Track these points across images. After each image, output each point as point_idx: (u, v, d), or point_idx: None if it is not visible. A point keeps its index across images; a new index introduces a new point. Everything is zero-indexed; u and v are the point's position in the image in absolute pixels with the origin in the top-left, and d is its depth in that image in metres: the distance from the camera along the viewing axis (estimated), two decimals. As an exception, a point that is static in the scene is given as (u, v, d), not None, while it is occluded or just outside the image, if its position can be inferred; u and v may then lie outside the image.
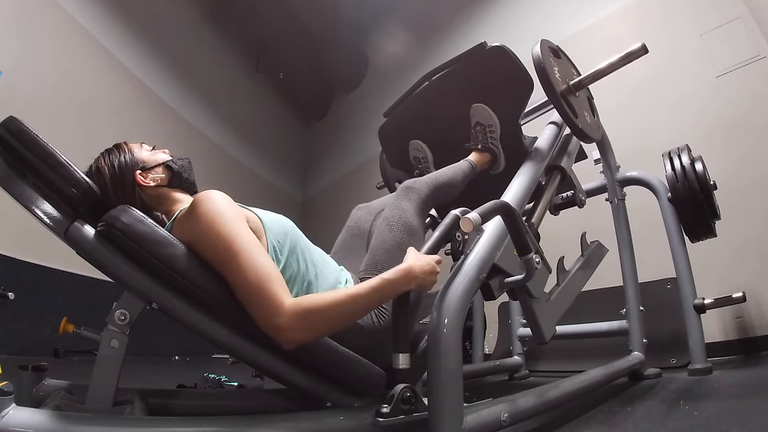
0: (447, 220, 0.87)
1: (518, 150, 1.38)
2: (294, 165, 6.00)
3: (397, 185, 1.33)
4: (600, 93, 1.55)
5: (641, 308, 1.70)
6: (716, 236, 1.73)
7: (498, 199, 0.93)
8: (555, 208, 1.62)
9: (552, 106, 1.38)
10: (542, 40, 1.32)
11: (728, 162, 2.15)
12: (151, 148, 0.98)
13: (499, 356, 2.47)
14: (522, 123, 1.47)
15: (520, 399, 0.95)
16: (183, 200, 0.94)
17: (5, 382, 0.61)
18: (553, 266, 1.18)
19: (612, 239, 1.73)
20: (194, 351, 3.43)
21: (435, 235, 0.86)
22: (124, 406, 0.72)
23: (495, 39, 1.38)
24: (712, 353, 1.74)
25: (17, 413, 0.59)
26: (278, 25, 4.89)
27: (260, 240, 0.81)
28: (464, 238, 0.95)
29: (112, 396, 0.69)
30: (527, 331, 2.12)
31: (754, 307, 1.96)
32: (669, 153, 1.76)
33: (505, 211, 0.90)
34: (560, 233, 1.62)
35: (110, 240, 0.70)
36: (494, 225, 1.00)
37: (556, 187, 1.40)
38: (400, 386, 0.74)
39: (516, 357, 2.21)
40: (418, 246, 1.01)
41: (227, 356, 1.90)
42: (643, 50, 1.22)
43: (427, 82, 1.52)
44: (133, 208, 0.74)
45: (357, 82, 5.42)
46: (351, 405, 0.87)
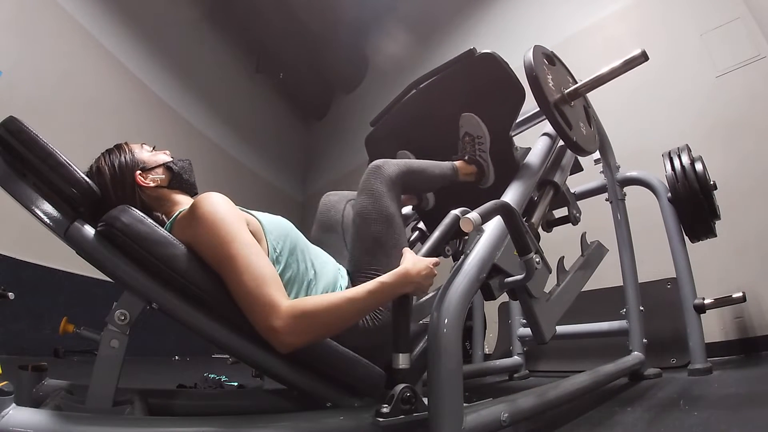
0: (447, 220, 0.86)
1: (509, 163, 1.31)
2: (294, 165, 6.00)
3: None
4: (600, 93, 1.54)
5: (641, 308, 1.70)
6: (716, 236, 1.73)
7: (498, 200, 0.93)
8: (548, 225, 1.56)
9: (545, 117, 1.28)
10: (535, 46, 1.24)
11: (728, 162, 2.15)
12: (152, 149, 0.98)
13: (499, 356, 2.47)
14: (515, 133, 1.42)
15: (520, 399, 0.95)
16: (183, 202, 0.94)
17: (5, 382, 0.61)
18: (553, 266, 1.18)
19: (612, 239, 1.73)
20: (194, 351, 3.43)
21: (435, 236, 0.86)
22: (124, 406, 0.72)
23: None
24: (712, 353, 1.74)
25: (17, 413, 0.59)
26: (278, 25, 4.89)
27: (260, 243, 0.81)
28: (462, 241, 0.94)
29: (112, 396, 0.69)
30: (527, 331, 2.11)
31: (754, 307, 1.96)
32: (669, 153, 1.76)
33: (505, 211, 0.90)
34: (560, 233, 1.62)
35: (110, 240, 0.70)
36: (494, 225, 0.99)
37: (549, 203, 1.33)
38: (400, 386, 0.74)
39: (516, 357, 2.21)
40: (399, 234, 1.00)
41: (227, 356, 1.90)
42: (643, 57, 1.15)
43: (415, 90, 1.47)
44: (133, 208, 0.74)
45: (357, 82, 5.42)
46: (351, 405, 0.87)
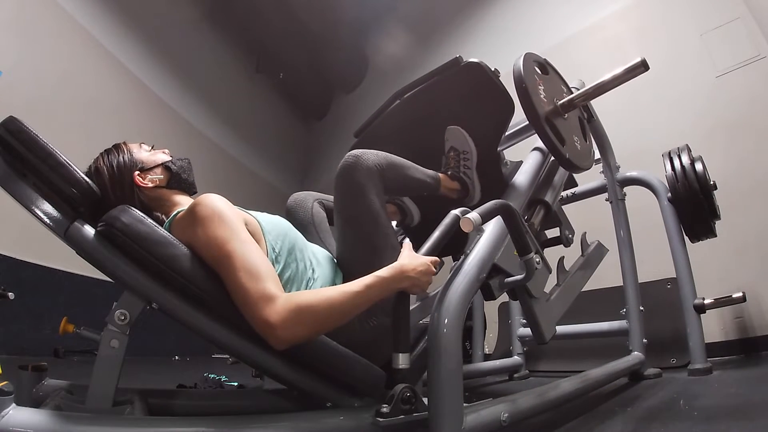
0: (447, 220, 0.86)
1: (497, 180, 1.24)
2: (294, 165, 5.99)
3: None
4: (600, 93, 1.55)
5: (641, 308, 1.70)
6: (716, 236, 1.73)
7: (498, 200, 0.93)
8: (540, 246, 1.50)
9: None
10: (526, 54, 1.15)
11: (728, 162, 2.15)
12: (150, 148, 0.98)
13: (499, 356, 2.47)
14: (505, 147, 1.34)
15: (520, 399, 0.95)
16: (182, 201, 0.94)
17: (5, 382, 0.61)
18: (553, 266, 1.18)
19: (612, 239, 1.73)
20: (194, 351, 3.43)
21: (435, 236, 0.86)
22: (124, 406, 0.72)
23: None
24: (712, 353, 1.74)
25: (17, 413, 0.59)
26: (278, 25, 4.89)
27: (259, 243, 0.81)
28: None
29: (112, 396, 0.69)
30: (527, 331, 2.11)
31: (754, 307, 1.96)
32: (669, 153, 1.76)
33: (506, 211, 0.90)
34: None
35: (110, 240, 0.70)
36: (494, 225, 0.99)
37: (540, 224, 1.25)
38: (400, 386, 0.74)
39: (516, 357, 2.21)
40: (387, 231, 0.97)
41: (227, 356, 1.90)
42: (644, 67, 1.07)
43: (399, 101, 1.40)
44: (133, 208, 0.74)
45: (357, 82, 5.42)
46: (351, 405, 0.87)
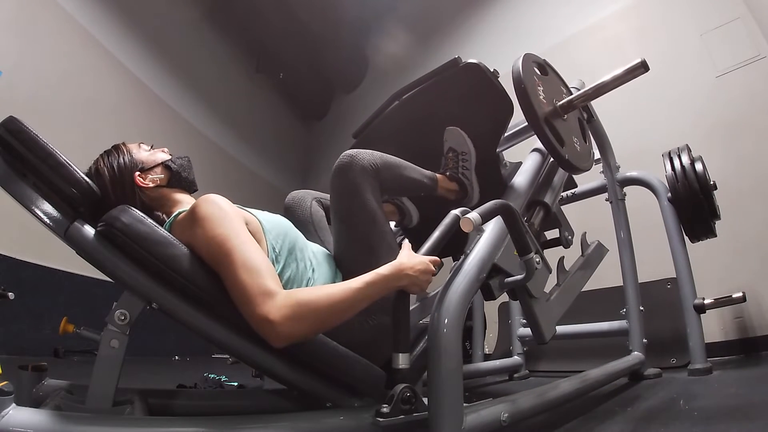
0: (447, 220, 0.86)
1: (496, 181, 1.24)
2: (294, 165, 5.99)
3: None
4: (600, 93, 1.55)
5: (641, 308, 1.70)
6: (716, 236, 1.73)
7: (498, 200, 0.93)
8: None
9: None
10: (525, 54, 1.15)
11: (728, 162, 2.15)
12: (150, 148, 0.98)
13: (499, 356, 2.47)
14: (504, 148, 1.33)
15: (520, 399, 0.95)
16: (183, 200, 0.94)
17: (5, 382, 0.61)
18: (553, 266, 1.18)
19: (612, 239, 1.73)
20: (194, 351, 3.43)
21: (435, 236, 0.86)
22: (124, 406, 0.72)
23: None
24: (712, 353, 1.74)
25: (17, 413, 0.59)
26: (278, 25, 4.88)
27: (260, 243, 0.81)
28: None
29: (112, 396, 0.69)
30: (527, 331, 2.11)
31: (754, 307, 1.96)
32: (669, 153, 1.76)
33: (505, 211, 0.90)
34: (560, 233, 1.62)
35: (110, 240, 0.70)
36: (494, 225, 0.99)
37: (539, 225, 1.24)
38: (400, 386, 0.74)
39: (516, 357, 2.21)
40: (384, 229, 0.97)
41: (227, 356, 1.90)
42: (643, 68, 1.07)
43: (397, 102, 1.39)
44: (133, 209, 0.74)
45: (357, 82, 5.42)
46: (351, 405, 0.87)
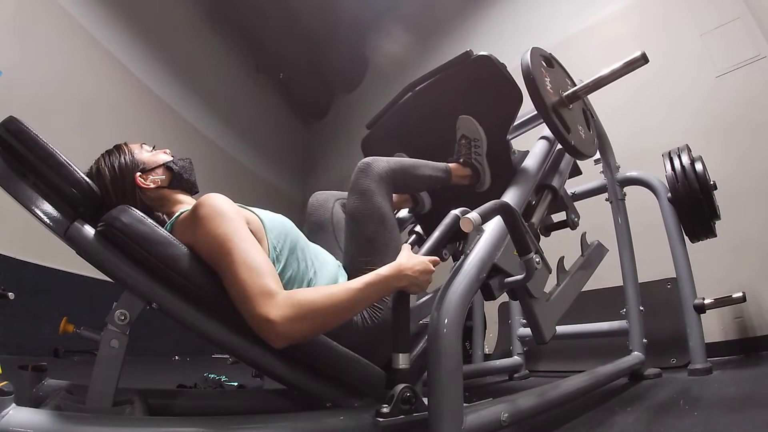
0: (447, 220, 0.86)
1: (506, 167, 1.31)
2: (294, 165, 6.00)
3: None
4: (600, 93, 1.53)
5: (641, 308, 1.70)
6: (716, 236, 1.73)
7: (498, 200, 0.93)
8: (546, 230, 1.54)
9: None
10: (533, 48, 1.24)
11: (728, 162, 2.15)
12: (152, 149, 0.98)
13: (499, 356, 2.47)
14: (512, 137, 1.40)
15: (520, 399, 0.95)
16: (184, 201, 0.94)
17: (5, 382, 0.60)
18: (553, 266, 1.18)
19: (612, 239, 1.73)
20: (194, 351, 3.43)
21: (435, 236, 0.86)
22: (124, 406, 0.72)
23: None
24: (712, 353, 1.74)
25: (17, 413, 0.59)
26: (278, 25, 4.89)
27: (261, 242, 0.81)
28: (463, 243, 0.94)
29: (112, 396, 0.69)
30: (527, 331, 2.11)
31: (754, 307, 1.96)
32: (669, 153, 1.76)
33: (505, 211, 0.90)
34: (560, 233, 1.62)
35: (110, 240, 0.70)
36: (494, 225, 0.99)
37: (547, 207, 1.31)
38: (400, 386, 0.74)
39: (516, 357, 2.21)
40: (393, 232, 1.00)
41: (227, 356, 1.90)
42: (643, 60, 1.13)
43: (411, 93, 1.46)
44: (133, 209, 0.74)
45: (357, 82, 5.42)
46: (351, 405, 0.87)
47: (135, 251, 0.70)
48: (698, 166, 1.65)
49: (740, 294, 1.63)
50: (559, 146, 1.34)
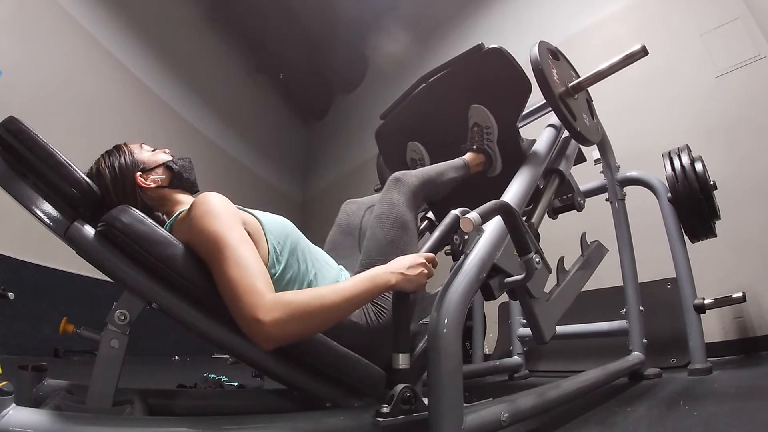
0: (447, 220, 0.86)
1: (516, 153, 1.37)
2: (294, 165, 6.00)
3: None
4: (600, 93, 1.54)
5: (641, 308, 1.69)
6: (716, 236, 1.73)
7: (498, 200, 0.93)
8: (553, 212, 1.61)
9: (550, 109, 1.36)
10: (540, 42, 1.30)
11: (728, 162, 2.15)
12: (152, 149, 0.98)
13: (499, 356, 2.47)
14: (520, 126, 1.45)
15: (520, 399, 0.95)
16: (184, 201, 0.94)
17: (5, 382, 0.60)
18: (553, 266, 1.18)
19: (612, 239, 1.73)
20: (194, 351, 3.43)
21: (434, 236, 0.86)
22: (124, 406, 0.72)
23: (495, 39, 1.38)
24: (712, 353, 1.74)
25: (17, 413, 0.59)
26: (278, 25, 4.89)
27: (260, 243, 0.81)
28: (464, 239, 0.95)
29: (112, 396, 0.69)
30: (527, 331, 2.11)
31: (754, 307, 1.96)
32: (669, 153, 1.76)
33: (505, 211, 0.90)
34: (560, 233, 1.62)
35: (110, 240, 0.70)
36: (494, 225, 0.99)
37: (555, 191, 1.38)
38: (400, 386, 0.74)
39: (516, 357, 2.21)
40: (412, 240, 1.04)
41: (227, 356, 1.90)
42: (643, 52, 1.19)
43: (424, 84, 1.52)
44: (133, 209, 0.74)
45: (357, 82, 5.43)
46: (351, 405, 0.87)
47: (135, 251, 0.70)
48: (698, 166, 1.65)
49: (740, 294, 1.63)
50: (566, 133, 1.40)
